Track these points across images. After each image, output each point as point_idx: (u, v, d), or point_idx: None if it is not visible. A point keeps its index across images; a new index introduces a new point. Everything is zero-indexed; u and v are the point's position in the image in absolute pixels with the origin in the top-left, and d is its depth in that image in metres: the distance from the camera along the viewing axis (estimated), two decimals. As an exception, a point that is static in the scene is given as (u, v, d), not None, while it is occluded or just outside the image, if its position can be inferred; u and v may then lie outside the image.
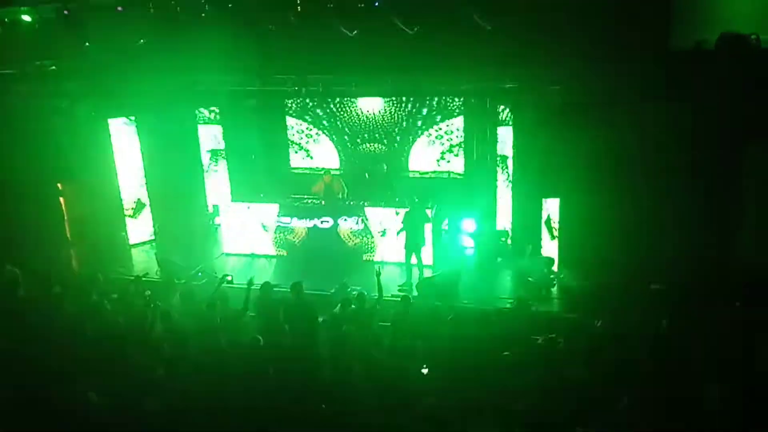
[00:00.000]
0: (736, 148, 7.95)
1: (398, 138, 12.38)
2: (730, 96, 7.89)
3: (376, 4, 9.25)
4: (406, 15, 9.28)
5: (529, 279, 9.59)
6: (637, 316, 7.50)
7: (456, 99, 11.71)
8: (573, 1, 8.91)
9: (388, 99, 12.04)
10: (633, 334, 6.75)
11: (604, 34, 8.91)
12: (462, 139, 11.96)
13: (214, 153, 12.84)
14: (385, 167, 12.47)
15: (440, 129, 12.12)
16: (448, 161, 12.22)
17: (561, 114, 9.21)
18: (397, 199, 10.84)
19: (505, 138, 10.76)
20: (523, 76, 9.65)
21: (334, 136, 12.76)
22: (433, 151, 12.27)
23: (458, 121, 11.94)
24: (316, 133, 12.81)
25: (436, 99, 11.81)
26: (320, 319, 7.49)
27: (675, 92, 8.24)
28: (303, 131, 12.89)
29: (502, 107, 10.74)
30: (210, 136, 12.74)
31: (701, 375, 5.91)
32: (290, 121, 12.88)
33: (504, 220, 10.96)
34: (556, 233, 9.93)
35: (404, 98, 11.95)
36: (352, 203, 11.13)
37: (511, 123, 10.52)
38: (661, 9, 8.88)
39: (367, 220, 10.77)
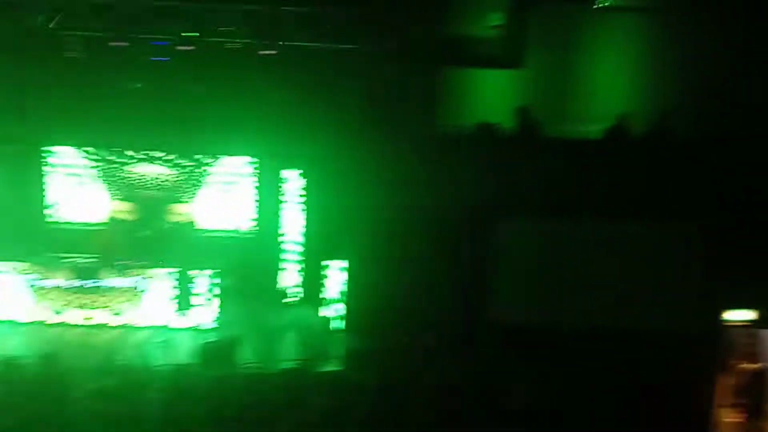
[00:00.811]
0: (490, 223, 9.16)
1: (182, 193, 11.84)
2: (484, 175, 9.20)
3: (167, 59, 9.12)
4: (196, 73, 9.30)
5: (312, 339, 9.74)
6: (412, 371, 8.11)
7: (245, 158, 11.70)
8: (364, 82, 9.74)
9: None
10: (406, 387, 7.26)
11: (386, 112, 9.90)
12: (251, 197, 11.88)
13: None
14: (165, 224, 11.83)
15: (228, 186, 11.90)
16: (235, 219, 12.00)
17: (349, 180, 9.81)
18: (175, 259, 10.34)
19: (294, 198, 11.01)
20: (312, 144, 10.14)
21: (107, 188, 11.71)
22: (221, 207, 11.96)
23: (247, 180, 11.88)
24: (86, 183, 11.63)
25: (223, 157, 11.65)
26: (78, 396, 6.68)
27: (445, 170, 9.30)
28: (70, 180, 11.62)
29: (291, 170, 11.05)
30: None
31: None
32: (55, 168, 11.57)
33: (291, 279, 11.06)
34: (340, 294, 10.30)
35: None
36: (125, 262, 10.32)
37: (301, 185, 10.84)
38: (429, 97, 10.15)
39: (141, 280, 10.08)
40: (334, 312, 10.37)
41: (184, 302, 9.60)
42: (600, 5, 10.31)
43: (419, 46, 10.04)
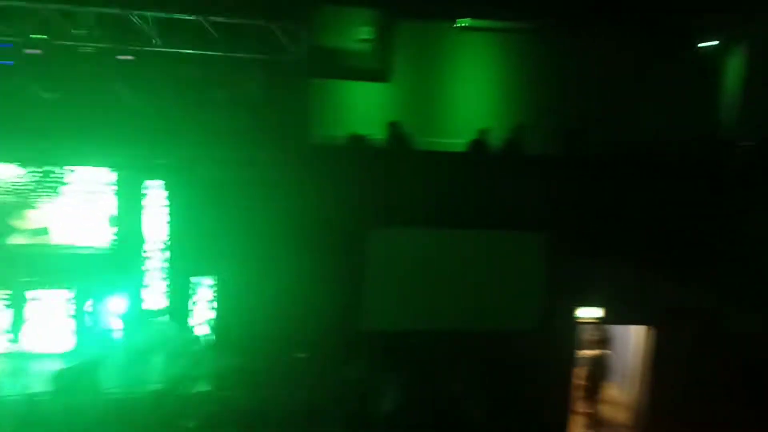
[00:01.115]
0: (363, 232, 9.29)
1: (31, 205, 10.87)
2: (355, 187, 9.32)
3: (11, 63, 8.38)
4: (47, 79, 8.63)
5: (180, 359, 9.35)
6: (285, 387, 8.06)
7: (103, 168, 10.97)
8: (231, 90, 9.48)
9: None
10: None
11: (254, 121, 9.72)
12: (110, 209, 11.16)
13: None
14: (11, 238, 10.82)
15: (85, 198, 11.10)
16: (93, 233, 11.22)
17: (216, 191, 9.51)
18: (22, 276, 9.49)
19: (157, 211, 10.50)
20: (175, 153, 9.73)
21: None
22: (77, 221, 11.13)
23: (105, 191, 11.15)
24: None
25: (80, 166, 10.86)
26: None
27: (316, 181, 9.30)
28: None
29: (153, 182, 10.53)
30: None
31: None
32: None
33: (156, 298, 10.53)
34: (210, 310, 9.97)
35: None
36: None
37: (166, 198, 10.36)
38: (300, 107, 10.13)
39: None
40: (202, 329, 10.03)
41: (18, 324, 8.82)
42: (461, 25, 10.86)
43: (289, 56, 10.00)
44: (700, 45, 10.51)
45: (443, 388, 9.12)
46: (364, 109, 10.95)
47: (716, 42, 10.35)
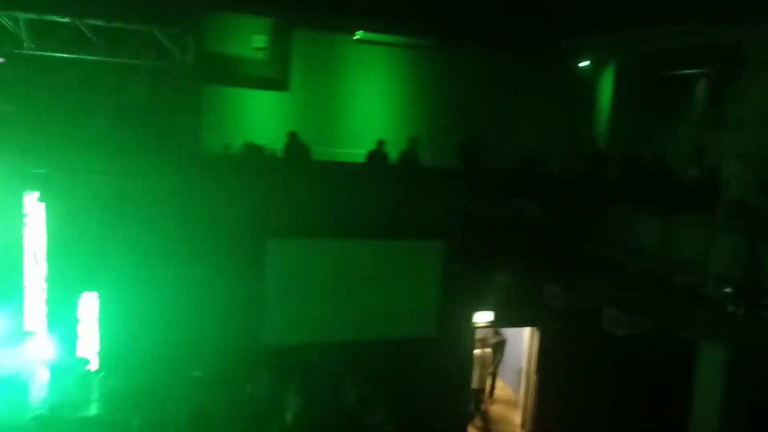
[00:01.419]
0: (260, 243, 9.11)
1: None
2: (251, 197, 9.10)
3: None
4: None
5: (65, 381, 8.68)
6: (180, 406, 7.70)
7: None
8: (115, 96, 8.99)
9: None
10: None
11: (141, 129, 9.24)
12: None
13: None
14: None
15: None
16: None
17: (100, 202, 8.91)
18: None
19: (38, 224, 9.67)
20: (55, 162, 9.02)
21: None
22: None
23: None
24: None
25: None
26: None
27: (208, 191, 8.99)
28: None
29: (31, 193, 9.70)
30: None
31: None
32: None
33: (37, 318, 9.68)
34: (96, 329, 9.32)
35: None
36: None
37: (45, 209, 9.56)
38: (190, 115, 9.77)
39: None
40: (89, 349, 9.37)
41: None
42: (359, 38, 10.99)
43: (176, 62, 9.62)
44: (579, 65, 11.34)
45: (345, 398, 9.15)
46: (261, 118, 10.77)
47: (588, 63, 11.21)
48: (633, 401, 10.18)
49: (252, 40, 10.39)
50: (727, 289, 6.60)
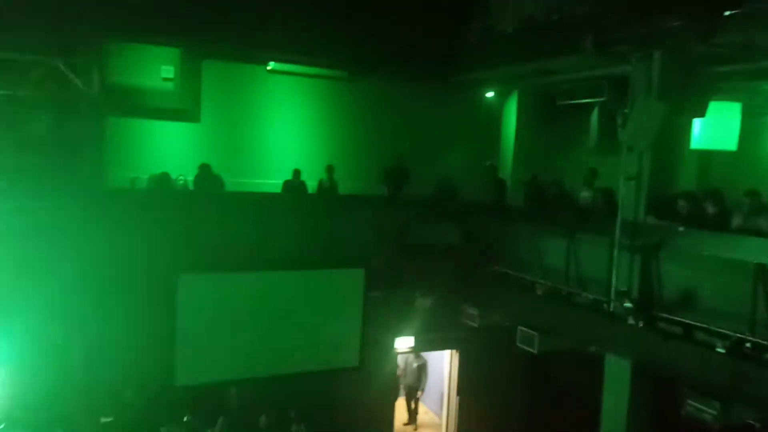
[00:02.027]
0: (171, 279, 8.80)
1: None
2: (160, 231, 8.82)
3: None
4: None
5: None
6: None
7: None
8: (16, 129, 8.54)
9: None
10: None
11: (43, 163, 8.79)
12: None
13: None
14: None
15: None
16: None
17: (3, 241, 8.35)
18: None
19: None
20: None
21: None
22: None
23: None
24: None
25: None
26: None
27: (114, 225, 8.62)
28: None
29: None
30: None
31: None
32: None
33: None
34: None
35: None
36: None
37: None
38: (95, 148, 9.39)
39: None
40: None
41: None
42: (272, 69, 11.00)
43: (80, 93, 9.27)
44: (485, 95, 11.84)
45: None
46: (171, 150, 10.47)
47: (493, 93, 11.77)
48: (547, 415, 10.58)
49: (160, 71, 10.15)
50: (628, 304, 7.03)
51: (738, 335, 5.98)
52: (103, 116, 9.81)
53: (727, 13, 6.19)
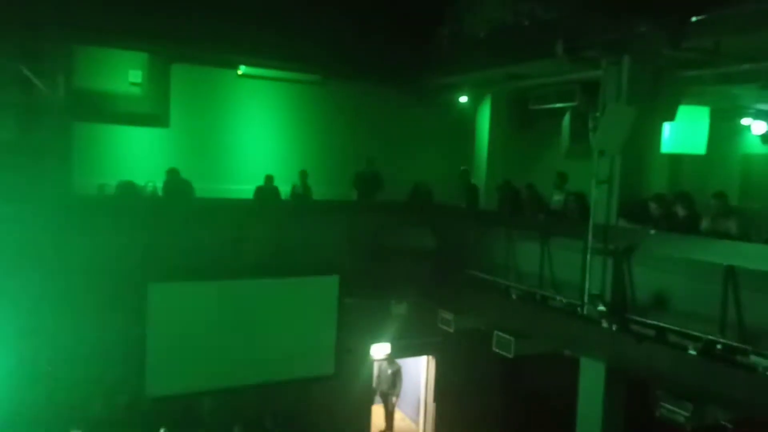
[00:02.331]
0: (140, 288, 8.59)
1: None
2: (128, 239, 8.61)
3: None
4: None
5: None
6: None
7: None
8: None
9: None
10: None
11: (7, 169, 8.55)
12: None
13: None
14: None
15: None
16: None
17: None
18: None
19: None
20: None
21: None
22: None
23: None
24: None
25: None
26: None
27: (81, 238, 8.40)
28: None
29: None
30: None
31: None
32: None
33: None
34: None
35: None
36: None
37: None
38: (61, 154, 9.15)
39: None
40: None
41: None
42: (243, 73, 10.87)
43: (45, 98, 9.03)
44: (459, 100, 11.85)
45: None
46: (140, 155, 10.28)
47: (466, 98, 11.77)
48: (523, 419, 10.59)
49: (128, 75, 9.98)
50: (601, 308, 7.06)
51: (709, 337, 6.03)
52: (69, 122, 9.58)
53: (694, 18, 6.26)
